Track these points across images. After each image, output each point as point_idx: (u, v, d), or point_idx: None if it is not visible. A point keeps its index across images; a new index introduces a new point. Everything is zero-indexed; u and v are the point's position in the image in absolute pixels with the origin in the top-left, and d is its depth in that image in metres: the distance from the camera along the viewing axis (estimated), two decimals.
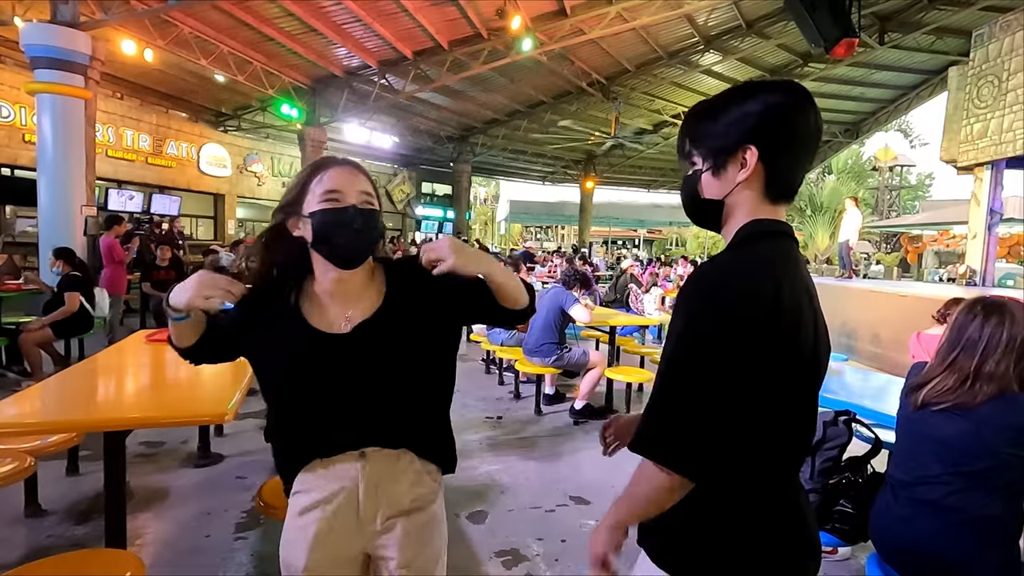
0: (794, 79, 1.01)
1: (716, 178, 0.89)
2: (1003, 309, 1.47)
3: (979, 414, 1.43)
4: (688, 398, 0.78)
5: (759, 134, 0.85)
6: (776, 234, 0.87)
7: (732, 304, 0.78)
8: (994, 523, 1.41)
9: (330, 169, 1.06)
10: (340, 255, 1.06)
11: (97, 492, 2.76)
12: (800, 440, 0.88)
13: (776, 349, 0.79)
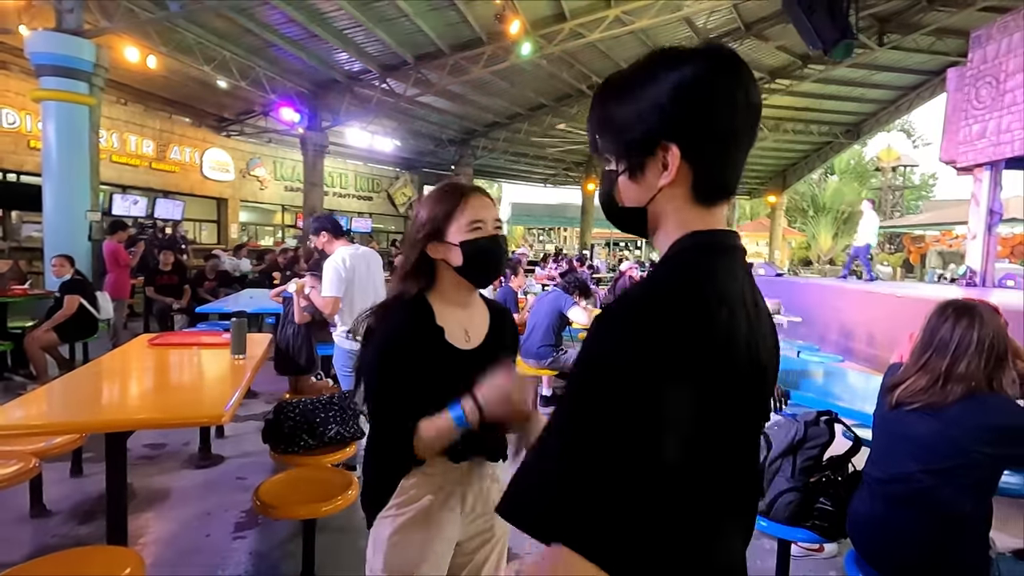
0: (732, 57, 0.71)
1: (634, 182, 0.71)
2: (973, 311, 1.52)
3: (949, 414, 1.47)
4: (604, 463, 0.57)
5: (679, 128, 0.66)
6: (714, 248, 0.70)
7: (663, 342, 0.59)
8: (964, 519, 1.46)
9: (470, 199, 1.19)
10: (485, 277, 1.22)
11: (101, 493, 2.82)
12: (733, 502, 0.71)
13: (718, 395, 0.62)
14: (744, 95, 0.67)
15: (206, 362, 2.66)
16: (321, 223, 3.18)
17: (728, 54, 0.68)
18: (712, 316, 0.62)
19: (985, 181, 8.75)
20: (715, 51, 0.68)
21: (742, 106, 0.67)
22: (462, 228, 1.17)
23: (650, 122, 0.67)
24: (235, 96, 11.74)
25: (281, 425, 2.40)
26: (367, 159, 17.08)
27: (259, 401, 4.48)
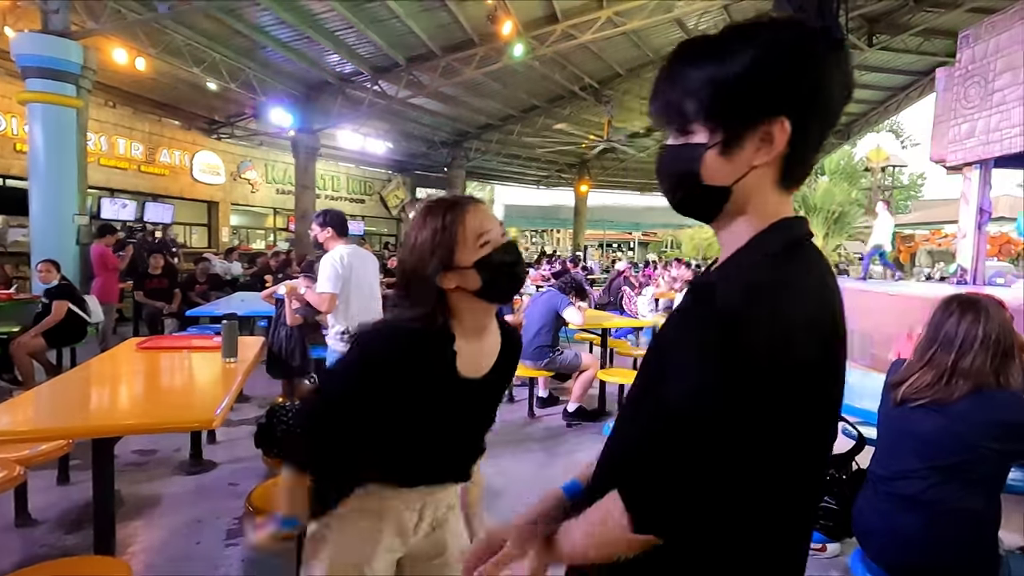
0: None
1: (726, 158, 0.65)
2: (978, 306, 1.50)
3: (956, 409, 1.45)
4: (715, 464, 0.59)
5: (794, 101, 0.62)
6: (804, 240, 0.68)
7: (792, 342, 0.58)
8: (972, 516, 1.44)
9: (468, 212, 1.05)
10: (509, 292, 1.13)
11: (88, 501, 2.74)
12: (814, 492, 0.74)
13: (830, 393, 0.65)
14: (847, 76, 0.66)
15: (196, 366, 2.60)
16: (330, 218, 3.12)
17: (840, 34, 0.67)
18: (836, 310, 0.65)
19: (975, 180, 8.82)
20: (825, 29, 0.65)
21: (847, 87, 0.66)
22: (470, 247, 1.03)
23: (760, 91, 0.63)
24: (225, 98, 11.64)
25: (274, 429, 2.34)
26: (359, 161, 17.00)
27: (251, 405, 4.41)
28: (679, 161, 0.69)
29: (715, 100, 0.64)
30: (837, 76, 0.64)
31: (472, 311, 1.08)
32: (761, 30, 0.64)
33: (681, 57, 0.68)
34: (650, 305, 7.46)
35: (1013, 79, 7.83)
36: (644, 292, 7.66)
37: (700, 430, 0.59)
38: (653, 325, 7.35)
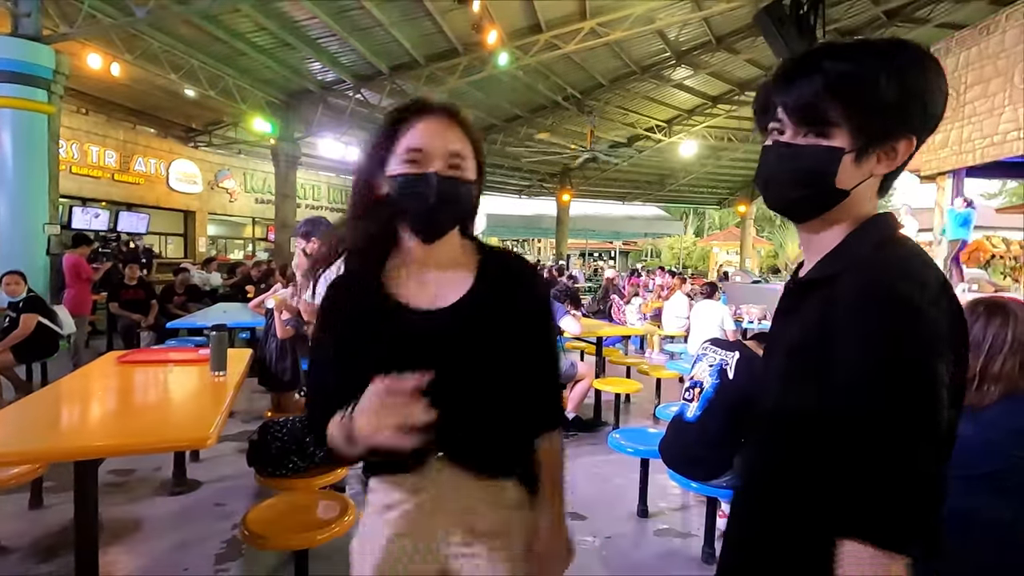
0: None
1: (856, 165, 0.72)
2: (1006, 309, 1.48)
3: (987, 416, 1.42)
4: (914, 458, 0.62)
5: (921, 122, 0.72)
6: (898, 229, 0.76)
7: (933, 320, 0.63)
8: (1008, 525, 1.40)
9: (415, 121, 0.92)
10: (417, 227, 0.93)
11: (63, 526, 2.59)
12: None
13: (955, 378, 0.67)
14: (946, 96, 0.73)
15: (182, 380, 2.47)
16: (316, 225, 2.98)
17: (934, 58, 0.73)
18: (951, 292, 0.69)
19: (947, 189, 9.08)
20: (933, 57, 0.73)
21: (944, 105, 0.74)
22: (399, 157, 0.91)
23: (906, 112, 0.70)
24: (203, 106, 11.41)
25: (268, 446, 2.23)
26: (341, 170, 16.81)
27: (235, 420, 4.24)
28: (813, 160, 0.73)
29: (868, 113, 0.71)
30: (942, 98, 0.72)
31: (407, 233, 0.96)
32: (900, 51, 0.72)
33: (832, 60, 0.72)
34: (638, 313, 7.45)
35: (982, 92, 8.09)
36: (632, 301, 7.65)
37: (921, 419, 0.62)
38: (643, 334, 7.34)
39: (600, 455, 3.65)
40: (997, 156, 7.89)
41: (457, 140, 0.93)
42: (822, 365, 0.67)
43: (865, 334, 0.64)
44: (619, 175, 20.08)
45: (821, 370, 0.67)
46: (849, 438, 0.64)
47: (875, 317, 0.63)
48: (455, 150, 0.92)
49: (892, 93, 0.69)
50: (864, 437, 0.63)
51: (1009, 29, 7.71)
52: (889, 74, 0.69)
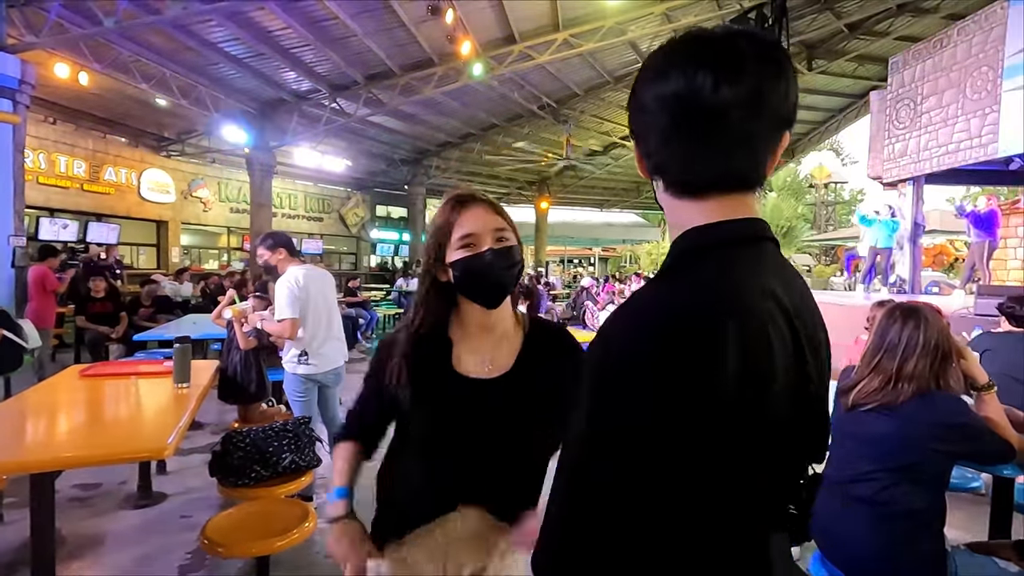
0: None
1: (640, 164, 0.71)
2: (919, 313, 1.59)
3: (903, 412, 1.53)
4: (605, 512, 0.55)
5: (635, 120, 0.68)
6: (709, 248, 0.62)
7: (644, 376, 0.54)
8: (920, 515, 1.51)
9: (464, 212, 1.09)
10: (484, 298, 1.10)
11: (24, 542, 2.56)
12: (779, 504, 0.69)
13: (709, 412, 0.54)
14: (691, 84, 0.60)
15: (146, 392, 2.48)
16: (279, 239, 3.05)
17: (670, 49, 0.64)
18: (715, 336, 0.54)
19: (909, 196, 9.41)
20: (668, 46, 0.65)
21: (687, 93, 0.61)
22: (455, 247, 1.08)
23: (632, 116, 0.68)
24: (175, 115, 11.29)
25: (230, 456, 2.26)
26: (317, 179, 16.73)
27: (204, 432, 4.22)
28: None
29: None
30: (657, 100, 0.64)
31: (468, 307, 1.11)
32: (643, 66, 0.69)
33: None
34: None
35: (937, 103, 8.43)
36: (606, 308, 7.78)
37: (584, 468, 0.56)
38: None
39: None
40: (952, 164, 8.22)
41: (497, 219, 1.11)
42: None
43: (585, 367, 0.60)
44: (596, 183, 20.32)
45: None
46: (562, 474, 0.60)
47: (591, 354, 0.60)
48: (498, 226, 1.10)
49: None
50: (567, 475, 0.59)
51: (960, 43, 8.06)
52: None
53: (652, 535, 0.55)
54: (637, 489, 0.54)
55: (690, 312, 0.55)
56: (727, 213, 0.63)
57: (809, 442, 0.68)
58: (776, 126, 0.64)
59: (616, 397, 0.55)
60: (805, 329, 0.62)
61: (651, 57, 0.66)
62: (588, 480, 0.56)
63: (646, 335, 0.55)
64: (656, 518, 0.55)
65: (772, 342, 0.57)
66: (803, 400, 0.62)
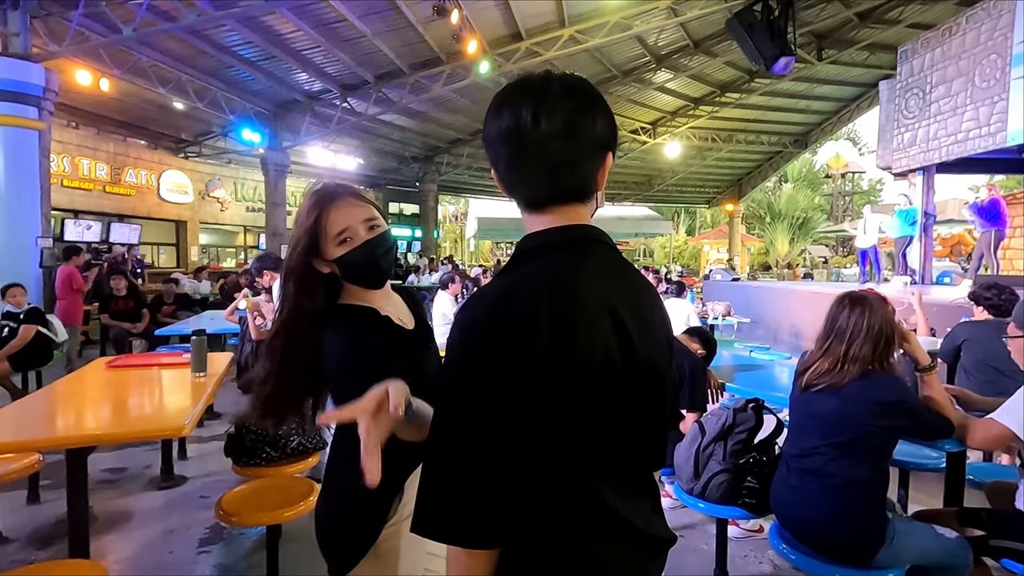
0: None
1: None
2: (864, 301, 1.72)
3: (847, 392, 1.66)
4: (455, 462, 0.67)
5: (487, 151, 0.80)
6: (536, 249, 0.76)
7: (479, 347, 0.68)
8: (861, 485, 1.64)
9: (331, 209, 1.14)
10: (372, 283, 1.19)
11: (58, 518, 2.81)
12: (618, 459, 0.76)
13: (537, 384, 0.66)
14: (506, 121, 0.75)
15: (166, 381, 2.69)
16: (261, 263, 3.26)
17: (515, 86, 0.77)
18: (533, 322, 0.66)
19: (919, 185, 9.34)
20: (510, 86, 0.77)
21: (507, 128, 0.75)
22: (332, 244, 1.13)
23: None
24: (192, 117, 11.62)
25: (243, 439, 2.46)
26: (330, 178, 16.96)
27: (222, 422, 4.46)
28: None
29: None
30: (492, 123, 0.77)
31: (356, 288, 1.19)
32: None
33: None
34: None
35: (946, 92, 8.36)
36: None
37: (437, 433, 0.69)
38: None
39: None
40: (962, 153, 8.16)
41: (365, 209, 1.17)
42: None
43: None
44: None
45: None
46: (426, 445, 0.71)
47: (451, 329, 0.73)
48: (367, 216, 1.17)
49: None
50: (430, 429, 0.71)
51: (969, 31, 7.99)
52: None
53: (499, 482, 0.67)
54: (483, 446, 0.66)
55: (511, 300, 0.69)
56: (562, 222, 0.77)
57: (643, 407, 0.77)
58: (595, 148, 0.77)
59: (460, 374, 0.68)
60: (631, 315, 0.75)
61: (495, 97, 0.78)
62: (447, 445, 0.68)
63: (480, 321, 0.69)
64: (500, 467, 0.67)
65: (581, 323, 0.69)
66: (627, 371, 0.73)
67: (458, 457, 0.67)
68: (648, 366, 0.77)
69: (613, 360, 0.71)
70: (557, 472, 0.70)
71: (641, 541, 0.77)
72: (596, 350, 0.70)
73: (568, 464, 0.71)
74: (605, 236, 0.80)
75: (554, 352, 0.67)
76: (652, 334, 0.78)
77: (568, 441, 0.70)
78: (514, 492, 0.68)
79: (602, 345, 0.70)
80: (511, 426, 0.67)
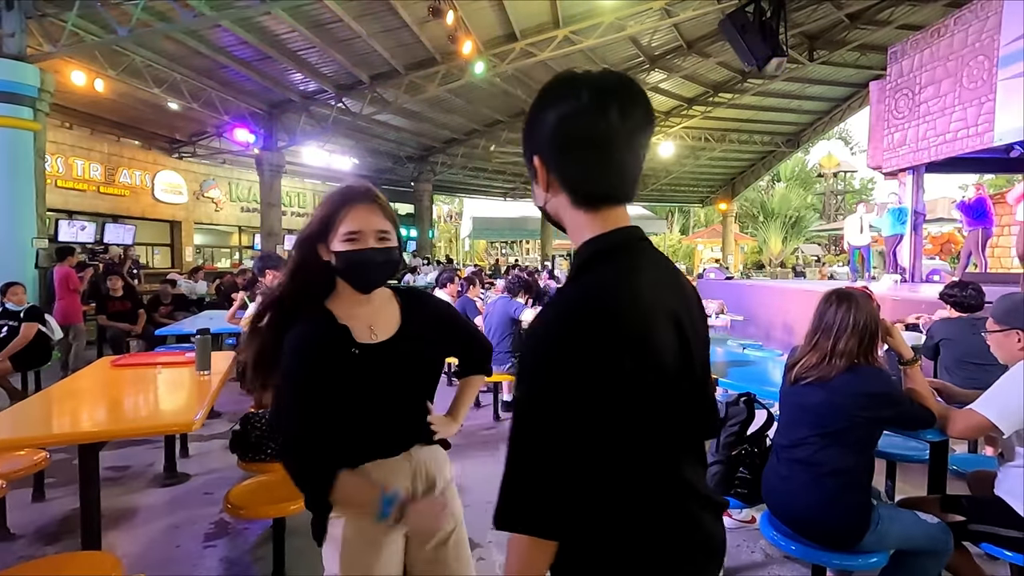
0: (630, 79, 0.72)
1: (535, 186, 0.86)
2: (851, 297, 1.79)
3: (834, 384, 1.73)
4: (533, 453, 0.73)
5: (540, 141, 0.81)
6: (610, 251, 0.80)
7: (563, 353, 0.72)
8: (847, 474, 1.72)
9: (352, 208, 1.20)
10: (360, 286, 1.23)
11: (65, 515, 2.85)
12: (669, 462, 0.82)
13: (614, 380, 0.72)
14: (592, 117, 0.77)
15: (172, 379, 2.73)
16: (263, 263, 3.32)
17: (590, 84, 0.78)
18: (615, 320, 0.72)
19: (909, 185, 9.47)
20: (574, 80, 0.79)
21: (588, 124, 0.77)
22: (340, 237, 1.19)
23: (528, 137, 0.83)
24: (187, 117, 11.61)
25: (248, 435, 2.51)
26: (325, 178, 17.02)
27: (222, 421, 4.50)
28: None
29: (523, 143, 0.86)
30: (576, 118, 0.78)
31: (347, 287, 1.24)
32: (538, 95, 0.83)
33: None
34: None
35: (935, 92, 8.48)
36: None
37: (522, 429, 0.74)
38: None
39: None
40: (950, 153, 8.28)
41: (381, 220, 1.22)
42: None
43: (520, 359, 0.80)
44: None
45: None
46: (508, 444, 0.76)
47: (524, 346, 0.79)
48: (381, 228, 1.22)
49: (526, 125, 0.84)
50: (511, 434, 0.75)
51: (957, 32, 8.11)
52: (527, 114, 0.84)
53: (589, 470, 0.73)
54: (569, 439, 0.71)
55: (596, 303, 0.74)
56: (613, 223, 0.82)
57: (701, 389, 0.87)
58: (645, 153, 0.84)
59: (547, 374, 0.73)
60: (685, 312, 0.82)
61: (567, 84, 0.79)
62: (533, 440, 0.73)
63: (566, 324, 0.74)
64: (589, 457, 0.73)
65: (651, 324, 0.76)
66: (687, 362, 0.81)
67: (549, 454, 0.72)
68: (700, 353, 0.86)
69: (676, 351, 0.79)
70: (645, 456, 0.78)
71: (709, 506, 0.86)
72: (667, 344, 0.77)
73: (655, 448, 0.79)
74: (643, 233, 0.86)
75: (634, 351, 0.73)
76: (698, 326, 0.87)
77: (653, 428, 0.77)
78: (601, 481, 0.75)
79: (669, 340, 0.78)
80: (603, 421, 0.73)
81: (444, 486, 1.32)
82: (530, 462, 0.73)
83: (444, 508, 1.24)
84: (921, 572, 1.75)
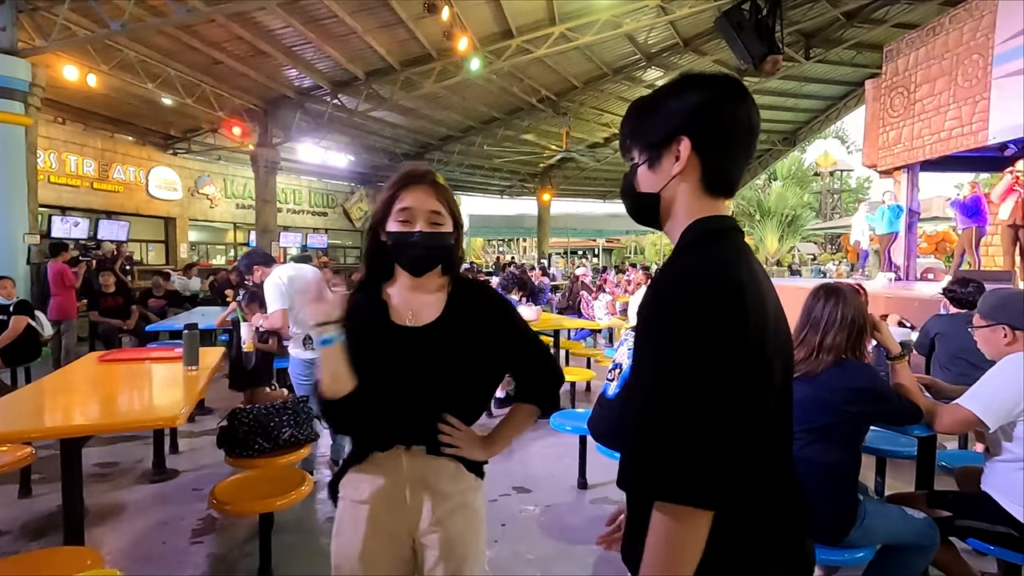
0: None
1: (652, 171, 0.88)
2: (839, 292, 1.79)
3: (821, 379, 1.72)
4: (688, 422, 0.71)
5: (692, 125, 0.83)
6: (725, 231, 0.85)
7: (699, 313, 0.73)
8: (834, 469, 1.71)
9: (407, 189, 1.22)
10: (409, 268, 1.23)
11: (50, 511, 2.83)
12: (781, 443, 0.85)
13: (750, 351, 0.74)
14: (746, 113, 0.85)
15: (159, 374, 2.72)
16: (250, 259, 3.29)
17: (738, 82, 0.86)
18: (740, 285, 0.76)
19: (904, 183, 9.49)
20: (730, 78, 0.87)
21: (744, 120, 0.85)
22: (393, 217, 1.21)
23: (671, 121, 0.85)
24: (181, 113, 11.53)
25: (235, 431, 2.49)
26: (321, 175, 16.97)
27: (213, 417, 4.48)
28: (625, 179, 0.94)
29: (644, 130, 0.89)
30: (736, 113, 0.84)
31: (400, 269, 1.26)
32: (680, 82, 0.88)
33: (628, 108, 0.94)
34: (607, 309, 7.77)
35: (930, 91, 8.50)
36: (600, 297, 7.96)
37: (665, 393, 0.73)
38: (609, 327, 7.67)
39: (553, 437, 3.95)
40: (945, 151, 8.30)
41: (435, 202, 1.22)
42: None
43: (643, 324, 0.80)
44: (598, 174, 20.42)
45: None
46: (638, 407, 0.76)
47: (649, 311, 0.79)
48: (434, 209, 1.21)
49: (655, 113, 0.88)
50: (648, 407, 0.74)
51: (952, 31, 8.12)
52: (654, 101, 0.89)
53: (741, 439, 0.73)
54: (720, 403, 0.72)
55: (721, 278, 0.76)
56: (724, 210, 0.88)
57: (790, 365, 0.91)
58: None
59: (672, 340, 0.74)
60: (772, 292, 0.86)
61: (734, 84, 0.86)
62: (662, 406, 0.73)
63: (693, 293, 0.75)
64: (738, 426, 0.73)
65: (767, 301, 0.81)
66: (786, 336, 0.87)
67: (690, 418, 0.71)
68: (785, 331, 0.89)
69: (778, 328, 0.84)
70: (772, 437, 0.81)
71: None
72: (774, 320, 0.82)
73: (779, 418, 0.82)
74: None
75: (755, 327, 0.76)
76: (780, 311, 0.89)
77: (775, 397, 0.80)
78: (749, 453, 0.75)
79: (774, 316, 0.83)
80: (737, 384, 0.73)
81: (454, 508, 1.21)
82: (688, 431, 0.71)
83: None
84: (907, 567, 1.75)
